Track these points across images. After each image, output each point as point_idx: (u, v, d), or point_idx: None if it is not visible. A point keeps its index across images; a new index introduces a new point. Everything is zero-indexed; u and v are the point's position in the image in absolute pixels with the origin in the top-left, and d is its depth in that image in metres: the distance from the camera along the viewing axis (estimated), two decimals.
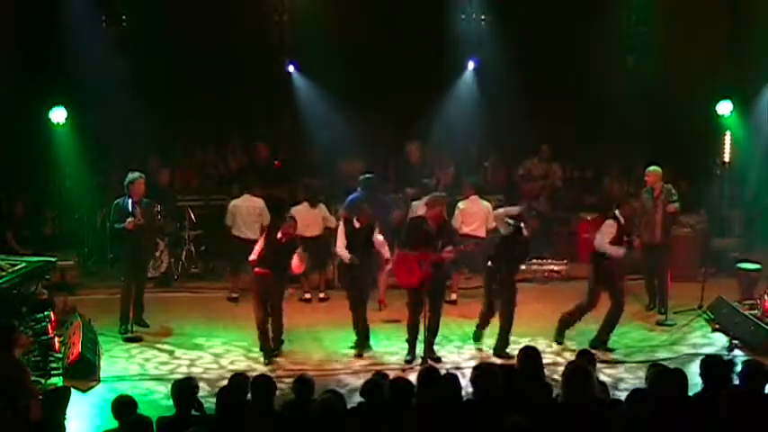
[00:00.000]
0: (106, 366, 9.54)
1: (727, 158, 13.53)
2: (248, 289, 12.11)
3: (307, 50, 14.92)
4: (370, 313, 10.61)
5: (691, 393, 6.39)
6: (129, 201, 10.52)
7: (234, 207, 12.05)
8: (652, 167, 11.30)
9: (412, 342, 9.85)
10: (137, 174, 10.71)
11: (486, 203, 11.94)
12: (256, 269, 9.92)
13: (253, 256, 9.94)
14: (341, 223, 10.50)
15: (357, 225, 10.18)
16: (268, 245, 9.91)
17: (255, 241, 10.53)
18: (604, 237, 10.01)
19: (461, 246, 10.14)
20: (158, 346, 10.32)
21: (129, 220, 10.41)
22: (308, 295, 12.05)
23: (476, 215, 11.76)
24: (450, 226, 10.04)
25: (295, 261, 9.84)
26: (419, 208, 11.00)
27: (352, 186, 11.91)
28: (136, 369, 9.59)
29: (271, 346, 9.89)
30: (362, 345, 10.10)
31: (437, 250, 9.60)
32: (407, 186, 13.25)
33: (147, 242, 11.26)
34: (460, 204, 11.85)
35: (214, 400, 6.57)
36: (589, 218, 13.68)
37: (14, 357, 7.25)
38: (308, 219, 11.58)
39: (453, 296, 11.91)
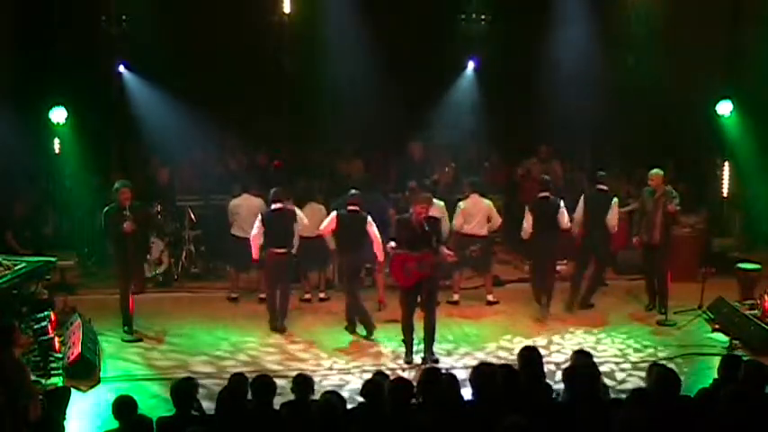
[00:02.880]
0: (106, 366, 9.53)
1: (726, 192, 13.62)
2: (248, 289, 12.17)
3: (307, 51, 14.93)
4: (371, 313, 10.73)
5: (690, 394, 6.41)
6: (120, 207, 10.56)
7: (234, 207, 12.06)
8: (655, 170, 11.27)
9: (408, 342, 9.82)
10: (120, 183, 10.75)
11: (487, 202, 11.89)
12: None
13: None
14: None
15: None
16: None
17: None
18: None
19: (468, 250, 10.59)
20: (158, 346, 10.32)
21: (126, 223, 10.44)
22: (308, 295, 12.05)
23: (476, 214, 11.70)
24: (436, 223, 9.96)
25: None
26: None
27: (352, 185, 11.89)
28: (136, 369, 9.59)
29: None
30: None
31: (434, 249, 9.60)
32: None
33: (140, 244, 11.27)
34: (461, 204, 11.82)
35: (214, 400, 6.58)
36: None
37: (14, 357, 7.25)
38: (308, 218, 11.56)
39: (455, 296, 11.89)
